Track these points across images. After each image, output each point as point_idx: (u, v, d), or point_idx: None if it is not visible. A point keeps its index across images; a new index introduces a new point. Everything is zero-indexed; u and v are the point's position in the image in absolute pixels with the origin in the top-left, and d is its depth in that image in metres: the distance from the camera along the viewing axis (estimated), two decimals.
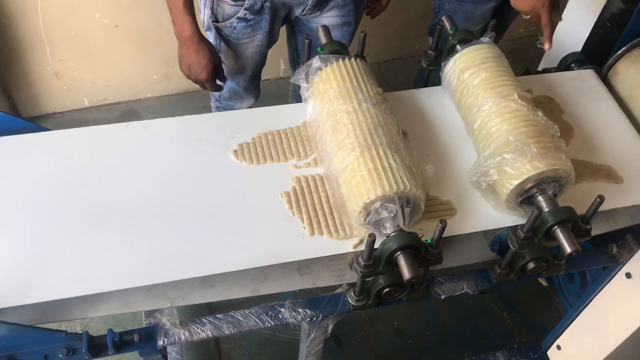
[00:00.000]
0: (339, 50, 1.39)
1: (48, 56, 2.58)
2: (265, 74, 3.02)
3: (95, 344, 1.17)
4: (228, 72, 1.88)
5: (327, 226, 1.23)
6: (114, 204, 1.25)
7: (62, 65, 2.64)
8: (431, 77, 1.61)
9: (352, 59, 1.36)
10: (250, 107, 2.00)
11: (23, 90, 2.70)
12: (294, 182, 1.31)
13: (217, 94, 1.98)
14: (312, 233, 1.22)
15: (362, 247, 1.19)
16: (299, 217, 1.25)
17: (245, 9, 1.65)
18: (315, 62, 1.36)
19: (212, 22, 1.71)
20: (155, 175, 1.31)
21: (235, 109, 1.94)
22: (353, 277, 1.23)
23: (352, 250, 1.21)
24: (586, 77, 1.61)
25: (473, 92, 1.35)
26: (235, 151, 1.36)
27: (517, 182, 1.18)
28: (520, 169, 1.18)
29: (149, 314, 1.27)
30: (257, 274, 1.28)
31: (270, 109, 1.48)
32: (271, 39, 1.80)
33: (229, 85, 1.94)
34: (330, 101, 1.28)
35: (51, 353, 1.15)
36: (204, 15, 1.73)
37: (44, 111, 2.81)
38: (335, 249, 1.21)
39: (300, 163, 1.35)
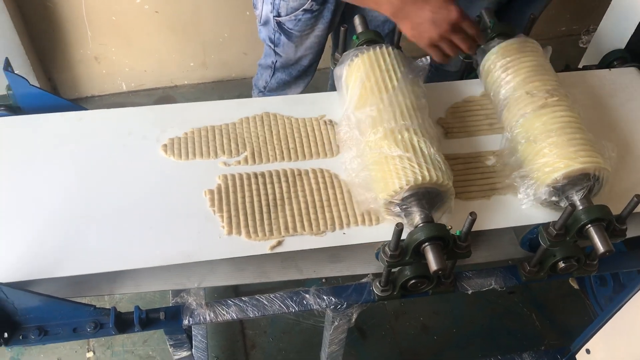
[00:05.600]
0: (374, 39, 1.38)
1: (89, 40, 2.63)
2: None
3: (122, 320, 1.19)
4: (284, 64, 1.87)
5: (247, 226, 1.20)
6: (31, 195, 1.23)
7: (102, 49, 2.69)
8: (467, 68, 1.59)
9: (386, 47, 1.34)
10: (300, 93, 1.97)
11: (64, 73, 2.75)
12: (220, 180, 1.27)
13: (261, 84, 1.97)
14: (230, 232, 1.19)
15: (280, 249, 1.18)
16: (219, 216, 1.21)
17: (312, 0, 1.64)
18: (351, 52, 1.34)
19: (274, 17, 1.69)
20: (80, 167, 1.28)
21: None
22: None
23: (269, 252, 1.18)
24: (629, 75, 1.56)
25: (510, 86, 1.33)
26: (165, 145, 1.33)
27: (551, 178, 1.16)
28: (555, 165, 1.16)
29: (176, 293, 1.29)
30: None
31: (207, 104, 1.45)
32: (331, 29, 1.79)
33: (278, 76, 1.92)
34: (362, 89, 1.27)
35: (79, 326, 1.18)
36: (261, 10, 1.72)
37: (83, 94, 2.86)
38: (250, 250, 1.18)
39: (230, 160, 1.31)
